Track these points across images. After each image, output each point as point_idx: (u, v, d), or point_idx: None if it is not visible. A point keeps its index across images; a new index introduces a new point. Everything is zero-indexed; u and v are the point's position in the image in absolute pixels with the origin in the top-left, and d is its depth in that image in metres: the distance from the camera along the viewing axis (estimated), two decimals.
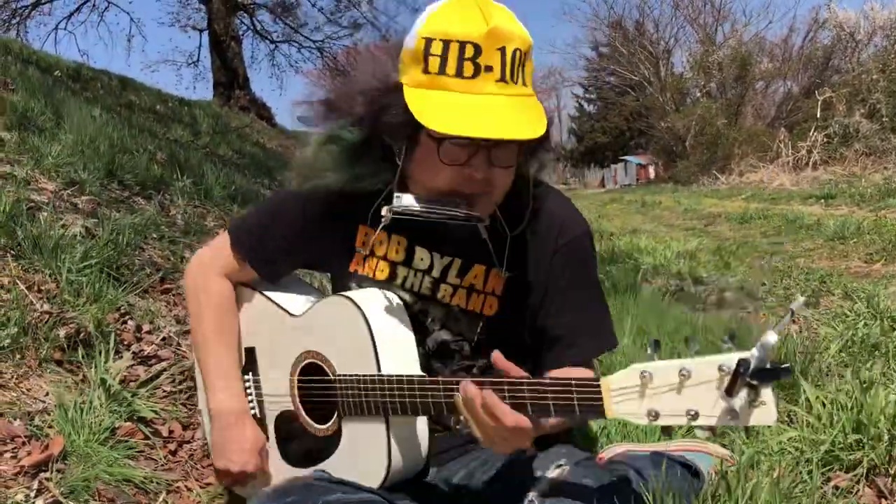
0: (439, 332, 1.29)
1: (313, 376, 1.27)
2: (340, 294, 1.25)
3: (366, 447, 1.19)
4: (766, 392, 0.83)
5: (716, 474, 1.33)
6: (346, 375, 1.20)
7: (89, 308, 2.17)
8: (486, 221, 1.17)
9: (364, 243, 1.31)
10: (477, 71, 1.07)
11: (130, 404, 1.84)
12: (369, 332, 1.17)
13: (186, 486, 1.70)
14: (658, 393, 0.89)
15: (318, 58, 20.21)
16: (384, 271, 1.30)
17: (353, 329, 1.19)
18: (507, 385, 1.00)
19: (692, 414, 0.87)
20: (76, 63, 10.89)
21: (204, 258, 1.44)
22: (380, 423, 1.17)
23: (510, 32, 1.08)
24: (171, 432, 1.87)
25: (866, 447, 1.61)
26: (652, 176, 33.16)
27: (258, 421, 1.38)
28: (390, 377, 1.14)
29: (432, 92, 1.09)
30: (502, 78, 1.07)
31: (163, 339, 2.28)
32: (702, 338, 2.93)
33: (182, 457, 1.81)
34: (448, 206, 1.12)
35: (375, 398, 1.15)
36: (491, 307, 1.27)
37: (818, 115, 18.34)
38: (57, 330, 2.00)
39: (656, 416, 0.90)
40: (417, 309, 1.28)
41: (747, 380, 0.82)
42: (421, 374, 1.16)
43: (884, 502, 1.52)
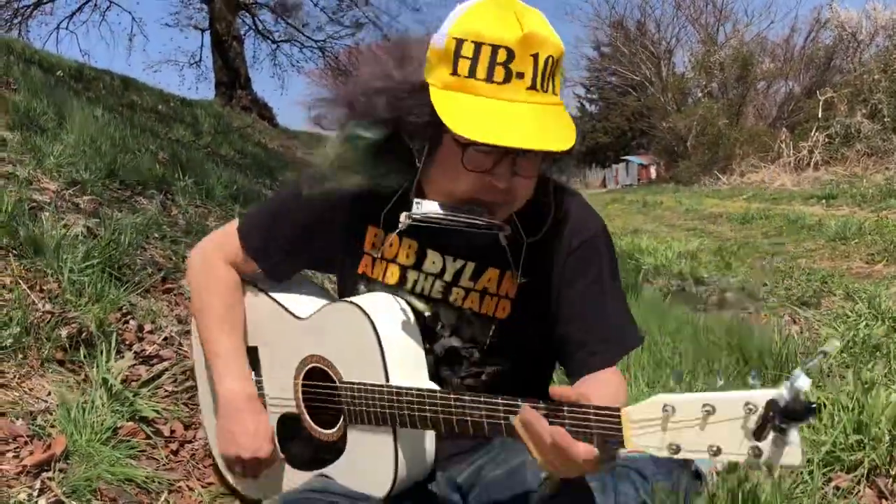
0: (448, 339, 1.26)
1: (318, 381, 1.26)
2: (348, 300, 1.22)
3: (372, 455, 1.18)
4: (793, 432, 0.80)
5: (716, 475, 1.33)
6: (353, 383, 1.18)
7: (91, 308, 2.17)
8: (508, 230, 1.13)
9: (374, 245, 1.27)
10: (508, 77, 1.03)
11: (132, 404, 1.85)
12: (377, 340, 1.15)
13: (188, 486, 1.71)
14: (680, 427, 0.86)
15: (320, 57, 20.29)
16: (394, 275, 1.26)
17: (361, 336, 1.16)
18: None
19: (714, 450, 0.84)
20: (78, 63, 10.90)
21: (209, 247, 1.41)
22: (387, 432, 1.15)
23: (544, 38, 1.04)
24: (173, 432, 1.88)
25: (867, 448, 1.61)
26: (653, 176, 33.14)
27: None
28: (402, 390, 1.11)
29: (460, 95, 1.05)
30: (533, 86, 1.04)
31: (164, 339, 2.28)
32: (703, 338, 2.94)
33: (184, 456, 1.81)
34: (470, 215, 1.09)
35: (384, 408, 1.13)
36: (504, 310, 1.24)
37: (820, 116, 18.34)
38: (59, 330, 2.01)
39: (677, 450, 0.87)
40: (428, 313, 1.25)
41: (776, 423, 0.79)
42: (431, 388, 1.13)
43: (884, 503, 1.53)
